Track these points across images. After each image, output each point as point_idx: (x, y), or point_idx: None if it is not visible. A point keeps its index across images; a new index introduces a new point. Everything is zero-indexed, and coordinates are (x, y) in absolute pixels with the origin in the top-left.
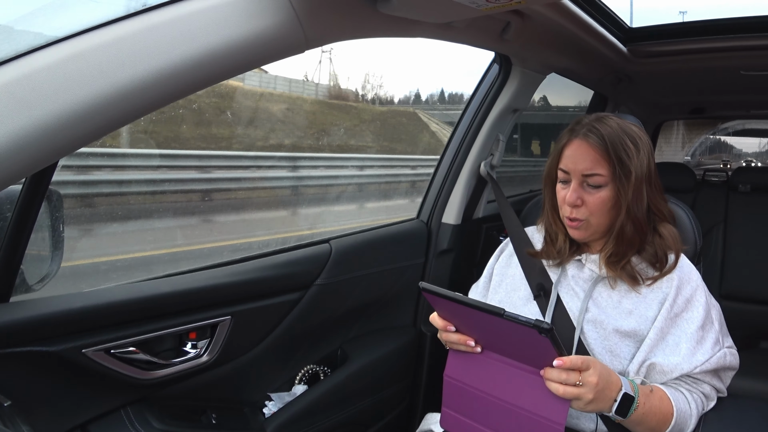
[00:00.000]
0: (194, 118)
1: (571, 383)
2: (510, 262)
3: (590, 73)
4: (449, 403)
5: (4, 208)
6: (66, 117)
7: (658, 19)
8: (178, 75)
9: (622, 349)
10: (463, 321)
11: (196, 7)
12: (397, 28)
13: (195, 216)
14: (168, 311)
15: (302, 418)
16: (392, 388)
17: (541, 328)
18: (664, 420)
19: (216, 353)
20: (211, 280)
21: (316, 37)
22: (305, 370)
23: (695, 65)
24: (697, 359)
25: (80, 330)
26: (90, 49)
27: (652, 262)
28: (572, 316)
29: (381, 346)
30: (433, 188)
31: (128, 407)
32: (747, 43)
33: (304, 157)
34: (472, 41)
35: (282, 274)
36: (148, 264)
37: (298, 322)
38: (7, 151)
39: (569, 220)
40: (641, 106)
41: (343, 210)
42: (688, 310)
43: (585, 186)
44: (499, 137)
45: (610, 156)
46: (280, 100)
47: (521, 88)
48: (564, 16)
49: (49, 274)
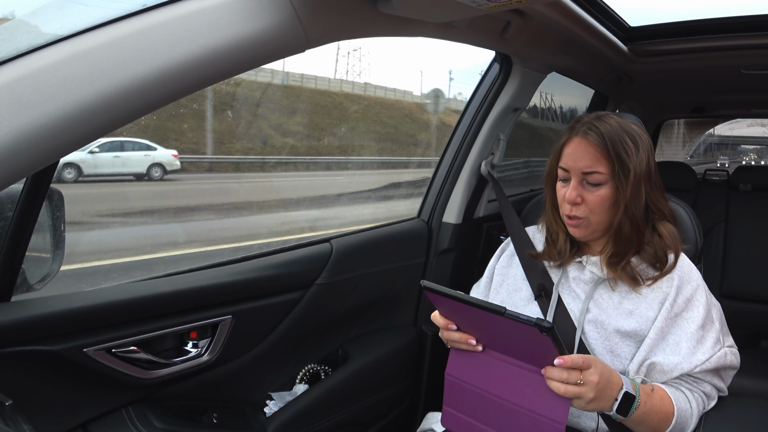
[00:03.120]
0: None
1: (572, 382)
2: (511, 263)
3: (591, 72)
4: (450, 402)
5: (6, 208)
6: (67, 116)
7: (659, 19)
8: (178, 74)
9: (623, 349)
10: (465, 320)
11: (196, 7)
12: (397, 28)
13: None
14: (169, 311)
15: (303, 417)
16: (393, 387)
17: (542, 327)
18: (665, 419)
19: (217, 353)
20: (212, 279)
21: (316, 37)
22: (306, 369)
23: (696, 64)
24: (697, 358)
25: (81, 329)
26: (90, 48)
27: (652, 262)
28: (573, 317)
29: (382, 345)
30: (433, 188)
31: (129, 406)
32: (748, 42)
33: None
34: (473, 40)
35: (283, 274)
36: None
37: (299, 322)
38: (8, 150)
39: (569, 219)
40: (642, 105)
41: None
42: (688, 309)
43: (585, 184)
44: (499, 137)
45: (609, 154)
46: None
47: (522, 87)
48: (564, 16)
49: (50, 274)
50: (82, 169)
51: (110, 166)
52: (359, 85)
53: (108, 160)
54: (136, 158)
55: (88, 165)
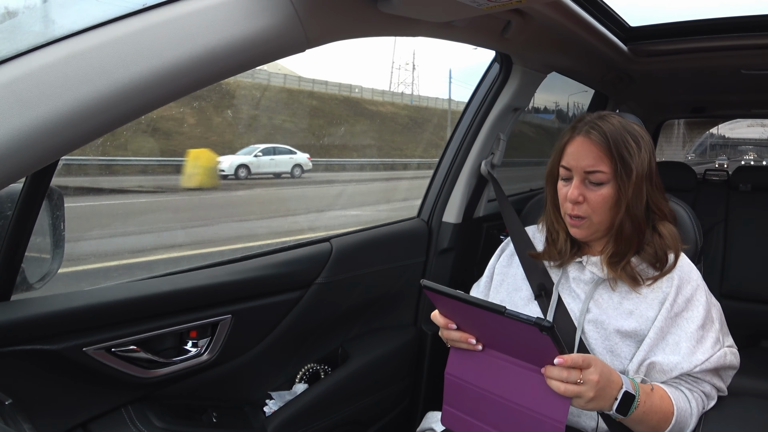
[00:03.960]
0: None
1: (572, 381)
2: (511, 262)
3: (591, 72)
4: (450, 401)
5: (5, 207)
6: (67, 116)
7: (659, 19)
8: (178, 74)
9: (623, 349)
10: (465, 319)
11: (196, 6)
12: (397, 27)
13: None
14: (169, 310)
15: (303, 416)
16: (393, 386)
17: (542, 326)
18: (664, 419)
19: (217, 352)
20: (211, 278)
21: (316, 36)
22: (306, 368)
23: (696, 64)
24: (697, 358)
25: (81, 328)
26: (90, 48)
27: (652, 262)
28: (573, 317)
29: (382, 344)
30: (433, 187)
31: (129, 406)
32: (748, 42)
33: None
34: (473, 40)
35: (283, 273)
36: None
37: (298, 321)
38: (8, 149)
39: (571, 218)
40: (642, 105)
41: None
42: (688, 309)
43: (587, 183)
44: (499, 136)
45: (612, 153)
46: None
47: (522, 87)
48: (564, 16)
49: (49, 273)
50: (251, 169)
51: (267, 166)
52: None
53: (266, 162)
54: (284, 160)
55: (254, 166)
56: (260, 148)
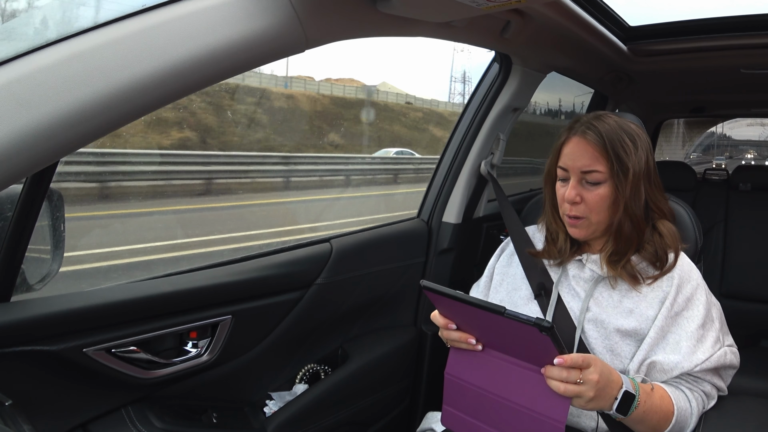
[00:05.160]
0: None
1: (572, 381)
2: (511, 262)
3: (590, 72)
4: (450, 401)
5: (5, 208)
6: (66, 117)
7: (658, 18)
8: (178, 74)
9: (623, 348)
10: (464, 319)
11: (196, 7)
12: (397, 27)
13: None
14: (169, 310)
15: (303, 417)
16: (393, 386)
17: (541, 327)
18: (664, 418)
19: (217, 352)
20: (211, 279)
21: (316, 37)
22: (306, 369)
23: (695, 64)
24: (697, 357)
25: (81, 329)
26: (90, 49)
27: (652, 261)
28: (573, 316)
29: (382, 345)
30: (433, 187)
31: (129, 406)
32: (747, 42)
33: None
34: (473, 40)
35: (283, 274)
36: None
37: (298, 322)
38: (8, 151)
39: (569, 218)
40: (641, 104)
41: None
42: (688, 308)
43: (584, 183)
44: (499, 136)
45: (608, 153)
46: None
47: (521, 87)
48: (564, 15)
49: (49, 274)
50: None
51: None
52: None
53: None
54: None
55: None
56: (395, 151)
